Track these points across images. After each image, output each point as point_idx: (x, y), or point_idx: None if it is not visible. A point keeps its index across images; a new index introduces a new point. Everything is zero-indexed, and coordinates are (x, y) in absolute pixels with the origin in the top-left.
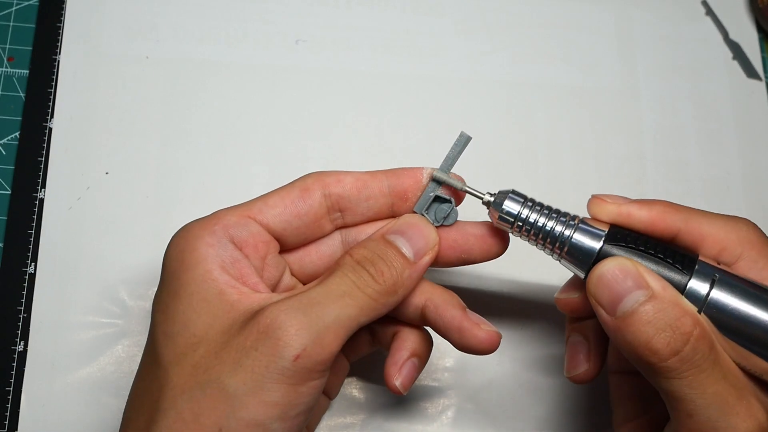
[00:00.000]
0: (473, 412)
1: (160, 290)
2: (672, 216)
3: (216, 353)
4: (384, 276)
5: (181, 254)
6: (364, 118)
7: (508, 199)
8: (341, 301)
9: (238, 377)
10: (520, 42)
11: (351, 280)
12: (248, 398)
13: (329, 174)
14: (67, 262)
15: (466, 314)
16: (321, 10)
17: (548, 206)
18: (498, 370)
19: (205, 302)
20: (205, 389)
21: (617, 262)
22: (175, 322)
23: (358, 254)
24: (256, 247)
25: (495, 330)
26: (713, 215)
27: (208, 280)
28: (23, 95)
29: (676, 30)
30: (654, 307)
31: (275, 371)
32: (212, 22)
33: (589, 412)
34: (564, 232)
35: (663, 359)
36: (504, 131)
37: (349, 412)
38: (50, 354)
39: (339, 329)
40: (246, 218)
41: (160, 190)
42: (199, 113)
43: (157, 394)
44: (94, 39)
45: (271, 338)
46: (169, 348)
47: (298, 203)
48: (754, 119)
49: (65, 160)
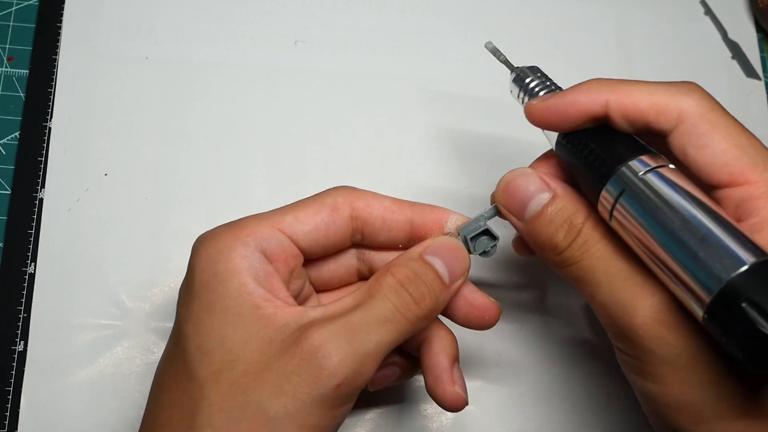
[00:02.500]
0: (474, 414)
1: (189, 300)
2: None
3: (255, 374)
4: (425, 300)
5: (214, 265)
6: (364, 119)
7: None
8: (383, 328)
9: (279, 401)
10: (519, 42)
11: (393, 304)
12: (287, 421)
13: (359, 196)
14: (67, 263)
15: (451, 367)
16: (320, 11)
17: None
18: (498, 371)
19: (241, 317)
20: (245, 410)
21: (519, 171)
22: (210, 336)
23: (400, 275)
24: (286, 261)
25: (464, 396)
26: (647, 82)
27: (244, 293)
28: (23, 95)
29: (675, 29)
30: (554, 207)
31: (316, 398)
32: (211, 23)
33: (591, 413)
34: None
35: (560, 251)
36: (503, 131)
37: (349, 414)
38: (50, 355)
39: (378, 355)
40: (277, 231)
41: (159, 191)
42: (198, 114)
43: (191, 409)
44: (92, 40)
45: (314, 366)
46: (204, 364)
47: (329, 224)
48: (753, 119)
49: (64, 162)
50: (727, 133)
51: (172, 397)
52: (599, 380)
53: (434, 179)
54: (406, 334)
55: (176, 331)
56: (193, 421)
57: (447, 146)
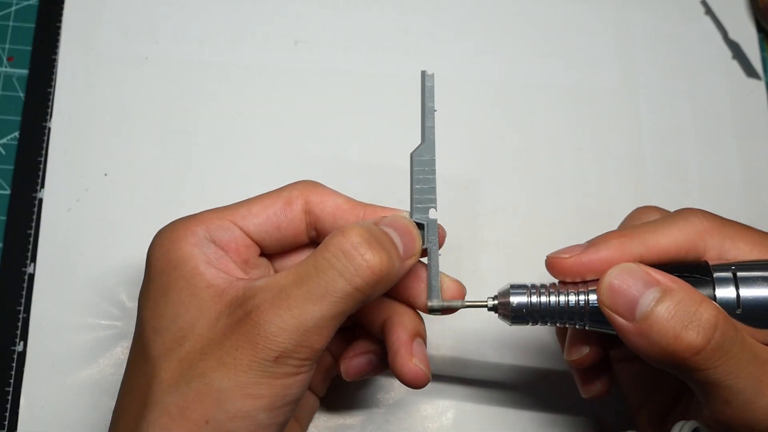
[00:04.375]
0: (474, 413)
1: (147, 288)
2: (628, 245)
3: (201, 348)
4: (382, 265)
5: (167, 254)
6: (364, 119)
7: (512, 295)
8: (327, 299)
9: (222, 373)
10: (519, 42)
11: (339, 272)
12: (233, 392)
13: (316, 191)
14: (67, 263)
15: (411, 341)
16: (320, 12)
17: (551, 284)
18: (498, 369)
19: (193, 296)
20: (191, 383)
21: (621, 267)
22: (164, 317)
23: (355, 237)
24: (237, 250)
25: (424, 370)
26: (663, 223)
27: (196, 275)
28: (23, 95)
29: (675, 29)
30: (672, 301)
31: (258, 368)
32: (211, 24)
33: (592, 414)
34: (579, 302)
35: (696, 351)
36: (502, 132)
37: (348, 413)
38: (50, 355)
39: (323, 329)
40: (228, 222)
41: (159, 191)
42: (198, 114)
43: (145, 389)
44: (92, 40)
45: (252, 337)
46: (157, 343)
47: (280, 216)
48: (753, 119)
49: (64, 162)
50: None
51: (132, 380)
52: None
53: None
54: (355, 303)
55: (137, 319)
56: (146, 399)
57: (446, 146)
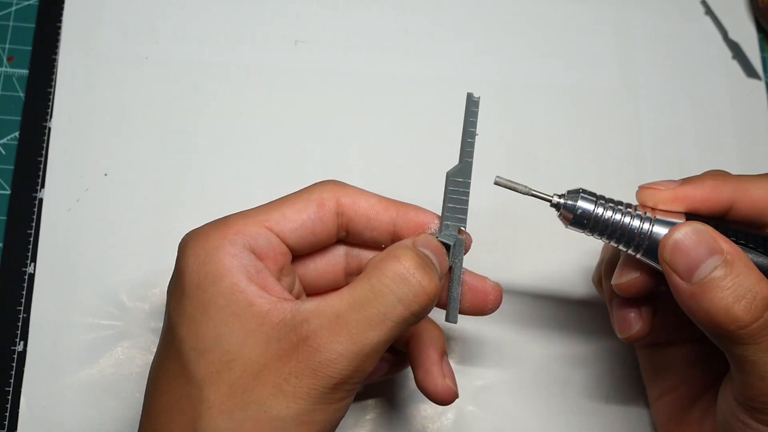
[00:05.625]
0: (474, 414)
1: (182, 303)
2: (723, 187)
3: (254, 374)
4: (432, 287)
5: (204, 266)
6: (364, 119)
7: (580, 200)
8: (384, 324)
9: (280, 401)
10: (519, 42)
11: (396, 296)
12: (291, 420)
13: (346, 192)
14: (67, 263)
15: (441, 360)
16: (320, 11)
17: (618, 201)
18: (498, 371)
19: (236, 316)
20: (247, 411)
21: (692, 226)
22: (206, 337)
23: (408, 261)
24: (275, 259)
25: (454, 389)
26: (758, 177)
27: (237, 292)
28: (23, 95)
29: (675, 29)
30: (732, 274)
31: (317, 396)
32: (211, 24)
33: (590, 414)
34: (642, 228)
35: (743, 326)
36: (503, 131)
37: (350, 411)
38: (50, 355)
39: (378, 353)
40: (265, 230)
41: (159, 191)
42: (198, 114)
43: (191, 412)
44: (92, 40)
45: (313, 365)
46: (201, 365)
47: (315, 221)
48: (753, 119)
49: (64, 162)
50: None
51: (171, 400)
52: (599, 381)
53: (434, 178)
54: (407, 328)
55: (170, 333)
56: (195, 423)
57: (446, 146)
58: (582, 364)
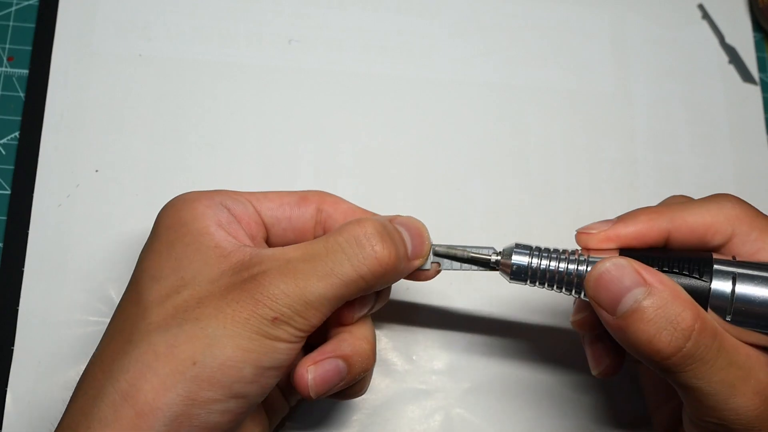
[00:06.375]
0: (461, 417)
1: (151, 241)
2: (657, 221)
3: (200, 298)
4: (389, 260)
5: (179, 212)
6: (357, 119)
7: (515, 255)
8: (329, 280)
9: (218, 321)
10: (514, 45)
11: (348, 259)
12: (226, 340)
13: (330, 195)
14: (56, 259)
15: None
16: (314, 11)
17: (555, 249)
18: (486, 373)
19: (199, 252)
20: (183, 326)
21: (612, 261)
22: (165, 267)
23: (369, 228)
24: (248, 224)
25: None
26: (694, 204)
27: (205, 233)
28: (23, 95)
29: (671, 33)
30: (653, 304)
31: (253, 324)
32: (205, 21)
33: (580, 419)
34: (578, 271)
35: (666, 357)
36: (496, 134)
37: (332, 415)
38: (37, 351)
39: (322, 306)
40: (244, 198)
41: (150, 188)
42: (190, 112)
43: (131, 330)
44: (86, 36)
45: (254, 294)
46: (153, 289)
47: (294, 207)
48: (748, 124)
49: (55, 158)
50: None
51: (116, 324)
52: (588, 387)
53: (427, 181)
54: (357, 291)
55: (135, 270)
56: (130, 338)
57: (440, 147)
58: (571, 369)
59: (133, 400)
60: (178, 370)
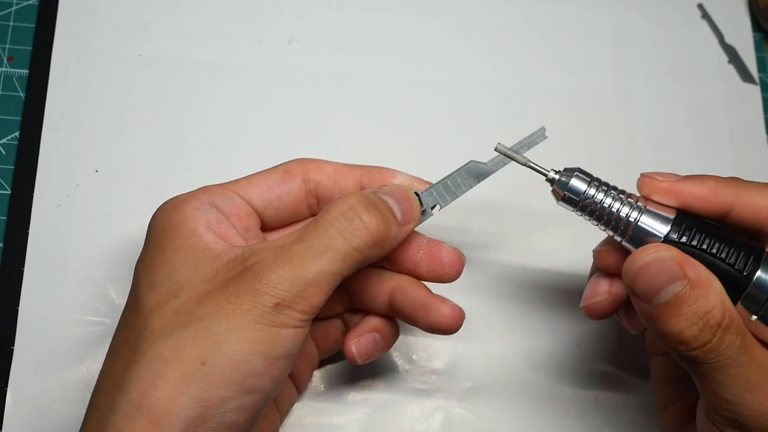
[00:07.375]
0: (462, 416)
1: (145, 249)
2: (723, 190)
3: (198, 299)
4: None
5: (169, 217)
6: (357, 119)
7: (574, 178)
8: (325, 256)
9: (220, 318)
10: (514, 45)
11: (338, 231)
12: (230, 335)
13: (312, 161)
14: (56, 259)
15: (431, 293)
16: (314, 11)
17: (614, 186)
18: (487, 372)
19: (190, 255)
20: (187, 328)
21: (655, 254)
22: (159, 273)
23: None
24: (239, 217)
25: (458, 307)
26: (763, 185)
27: (194, 236)
28: (23, 95)
29: (671, 33)
30: (690, 299)
31: (256, 314)
32: (205, 21)
33: (579, 417)
34: (630, 216)
35: (691, 349)
36: (496, 134)
37: (332, 413)
38: (37, 351)
39: (322, 283)
40: (229, 191)
41: (150, 188)
42: (190, 112)
43: (135, 341)
44: (86, 36)
45: (253, 285)
46: (150, 297)
47: (280, 185)
48: (748, 124)
49: (55, 158)
50: None
51: (120, 335)
52: (588, 385)
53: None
54: (354, 263)
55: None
56: (136, 348)
57: (440, 147)
58: (571, 368)
59: (147, 410)
60: (187, 372)
